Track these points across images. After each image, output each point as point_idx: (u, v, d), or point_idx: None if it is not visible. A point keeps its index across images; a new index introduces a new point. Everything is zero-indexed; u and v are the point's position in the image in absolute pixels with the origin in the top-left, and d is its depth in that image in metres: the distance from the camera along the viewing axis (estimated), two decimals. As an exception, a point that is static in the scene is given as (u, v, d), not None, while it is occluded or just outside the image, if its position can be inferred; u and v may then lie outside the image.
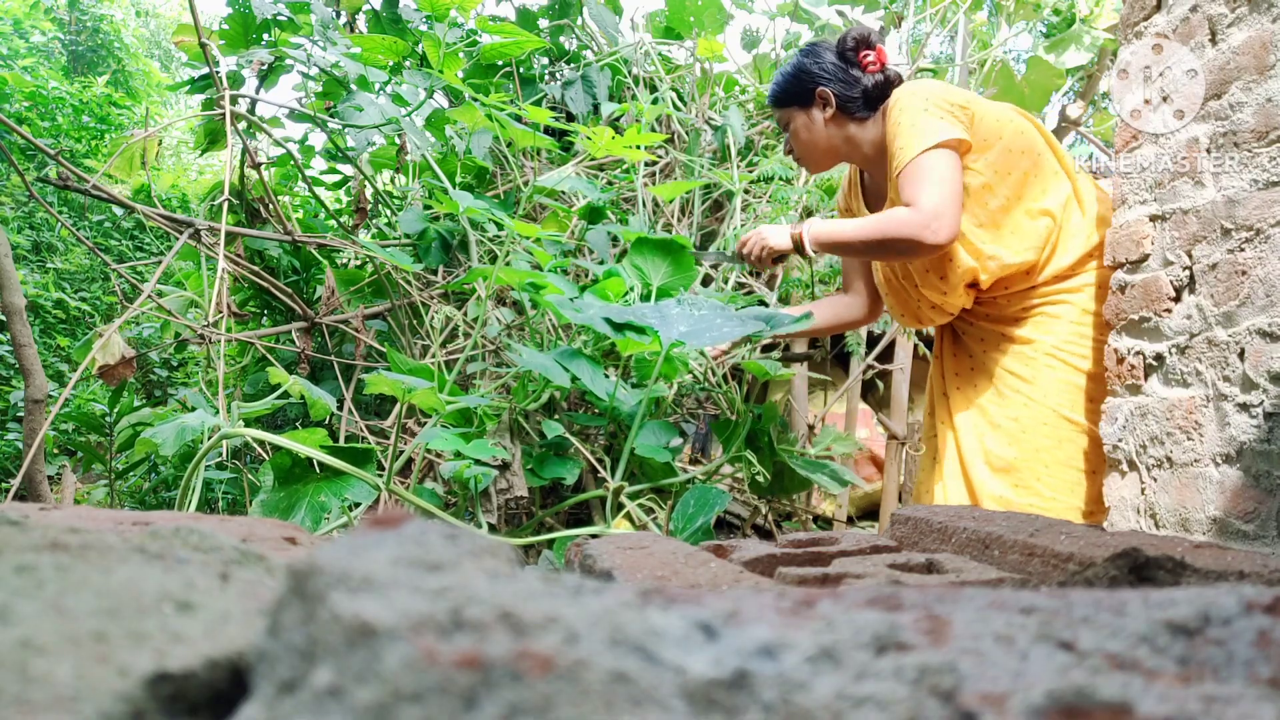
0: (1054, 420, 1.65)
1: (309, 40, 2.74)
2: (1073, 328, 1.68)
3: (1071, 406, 1.65)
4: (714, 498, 1.63)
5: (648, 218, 2.79)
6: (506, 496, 1.76)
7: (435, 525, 0.30)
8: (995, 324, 1.75)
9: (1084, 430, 1.65)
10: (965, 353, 1.82)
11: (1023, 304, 1.72)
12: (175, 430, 1.53)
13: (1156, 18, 1.77)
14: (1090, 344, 1.68)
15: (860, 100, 1.70)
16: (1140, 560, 0.46)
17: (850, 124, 1.72)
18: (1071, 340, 1.68)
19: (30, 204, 5.93)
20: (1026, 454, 1.64)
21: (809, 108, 1.71)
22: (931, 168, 1.55)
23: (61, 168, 2.13)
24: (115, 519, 0.59)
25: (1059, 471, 1.64)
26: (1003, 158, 1.65)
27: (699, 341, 1.63)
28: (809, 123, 1.72)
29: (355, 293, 2.71)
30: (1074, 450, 1.64)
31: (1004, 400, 1.69)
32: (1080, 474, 1.64)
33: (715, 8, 3.32)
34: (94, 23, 10.65)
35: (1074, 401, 1.65)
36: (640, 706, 0.21)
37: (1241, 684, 0.23)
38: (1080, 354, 1.67)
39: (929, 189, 1.55)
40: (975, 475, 1.69)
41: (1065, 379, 1.66)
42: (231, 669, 0.27)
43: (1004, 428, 1.67)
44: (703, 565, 0.61)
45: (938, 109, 1.59)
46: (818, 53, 1.73)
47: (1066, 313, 1.69)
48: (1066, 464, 1.64)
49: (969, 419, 1.74)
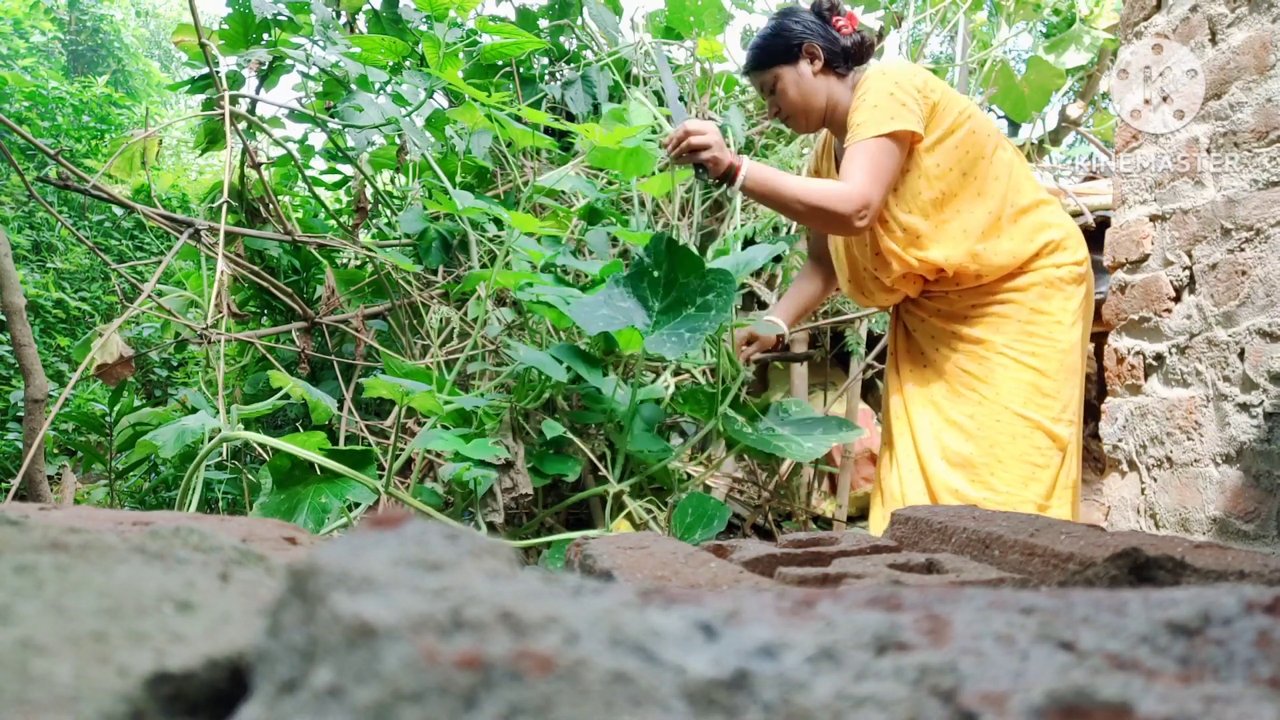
0: (1008, 417, 1.67)
1: (309, 40, 2.74)
2: (1021, 326, 1.70)
3: (1024, 403, 1.67)
4: (712, 510, 1.62)
5: (647, 218, 2.79)
6: (512, 495, 1.77)
7: (435, 525, 0.30)
8: (946, 321, 1.77)
9: (1037, 425, 1.67)
10: (917, 349, 1.84)
11: (972, 301, 1.74)
12: (175, 432, 1.53)
13: (1156, 18, 1.77)
14: (1040, 341, 1.69)
15: (841, 55, 1.73)
16: (1140, 560, 0.47)
17: (834, 79, 1.74)
18: (1021, 339, 1.70)
19: (30, 204, 5.93)
20: (982, 450, 1.67)
21: (796, 62, 1.72)
22: (878, 154, 1.60)
23: (61, 168, 2.13)
24: (115, 519, 0.59)
25: (1013, 466, 1.67)
26: (954, 153, 1.67)
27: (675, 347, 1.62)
28: (798, 78, 1.73)
29: (355, 293, 2.71)
30: (1027, 445, 1.67)
31: (959, 398, 1.72)
32: (1034, 468, 1.67)
33: (715, 8, 3.32)
34: (94, 23, 10.66)
35: (1027, 398, 1.68)
36: (640, 706, 0.21)
37: (1242, 684, 0.23)
38: (1030, 350, 1.69)
39: (869, 176, 1.60)
40: (931, 468, 1.72)
41: (1019, 377, 1.68)
42: (231, 669, 0.27)
43: (960, 424, 1.70)
44: (703, 565, 0.61)
45: (903, 93, 1.62)
46: (795, 12, 1.76)
47: (1015, 312, 1.71)
48: (1020, 459, 1.67)
49: (924, 414, 1.77)
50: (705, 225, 3.13)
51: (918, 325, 1.83)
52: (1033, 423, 1.66)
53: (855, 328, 2.89)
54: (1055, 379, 1.66)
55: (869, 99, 1.63)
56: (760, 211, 2.99)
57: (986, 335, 1.71)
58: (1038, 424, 1.66)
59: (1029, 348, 1.68)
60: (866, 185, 1.59)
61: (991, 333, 1.71)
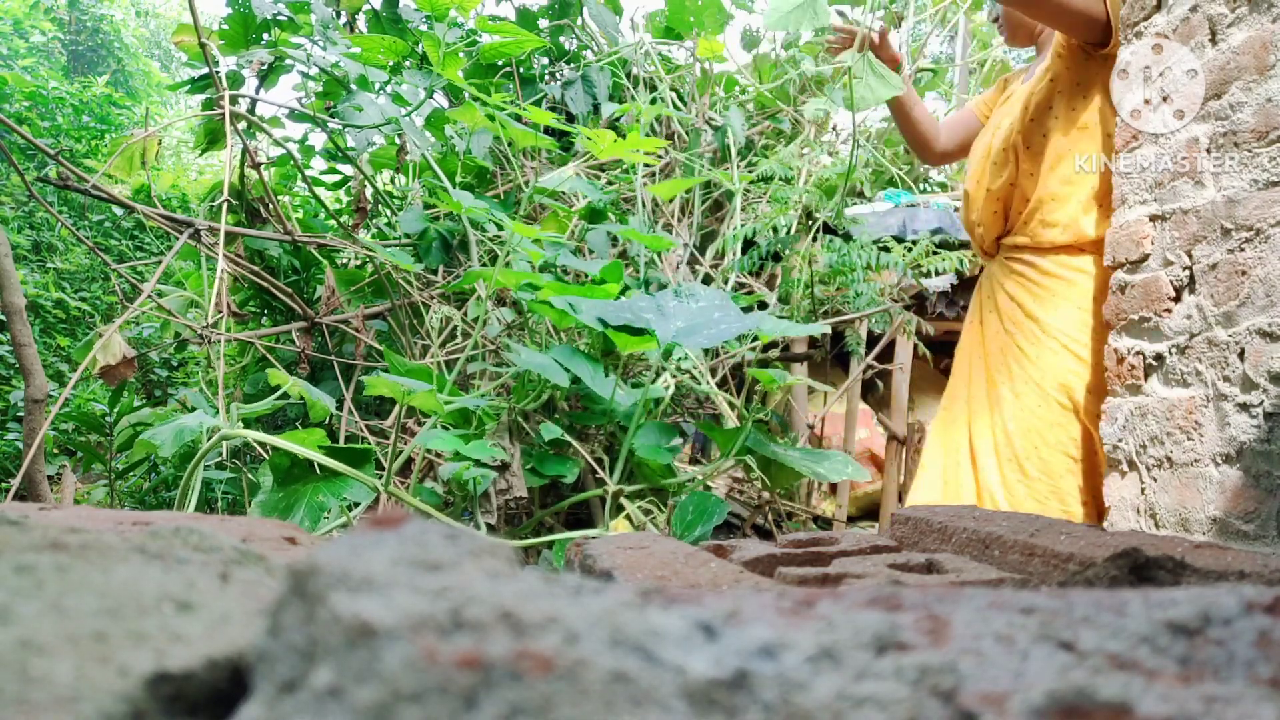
0: (1049, 403, 1.70)
1: (309, 40, 2.74)
2: (1078, 314, 1.72)
3: (1071, 391, 1.69)
4: (713, 506, 1.63)
5: (647, 218, 2.79)
6: (506, 497, 1.76)
7: (435, 525, 0.30)
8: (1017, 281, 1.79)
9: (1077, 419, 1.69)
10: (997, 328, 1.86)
11: (1037, 261, 1.76)
12: (175, 431, 1.53)
13: (1156, 18, 1.77)
14: (1090, 333, 1.72)
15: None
16: (1140, 560, 0.47)
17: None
18: (1076, 326, 1.72)
19: (30, 204, 5.93)
20: (1021, 432, 1.71)
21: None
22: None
23: (61, 168, 2.13)
24: (115, 519, 0.59)
25: (1049, 455, 1.69)
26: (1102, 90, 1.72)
27: (695, 340, 1.63)
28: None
29: (355, 293, 2.71)
30: (1064, 435, 1.69)
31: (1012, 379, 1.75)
32: (1073, 461, 1.68)
33: (715, 8, 3.32)
34: (94, 23, 10.66)
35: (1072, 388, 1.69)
36: (640, 706, 0.21)
37: (1242, 684, 0.23)
38: (1083, 341, 1.72)
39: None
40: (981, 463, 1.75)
41: (1066, 364, 1.70)
42: (231, 669, 0.27)
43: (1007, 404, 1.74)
44: (703, 565, 0.61)
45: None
46: None
47: (1072, 294, 1.72)
48: (1057, 448, 1.69)
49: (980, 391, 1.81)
50: (705, 225, 3.13)
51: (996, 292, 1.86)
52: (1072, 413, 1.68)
53: (855, 328, 2.89)
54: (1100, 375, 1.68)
55: None
56: (760, 212, 2.99)
57: (1041, 314, 1.74)
58: (1077, 414, 1.68)
59: (1082, 336, 1.71)
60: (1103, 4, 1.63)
61: (1047, 312, 1.74)
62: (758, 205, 3.02)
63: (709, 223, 3.16)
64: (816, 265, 2.77)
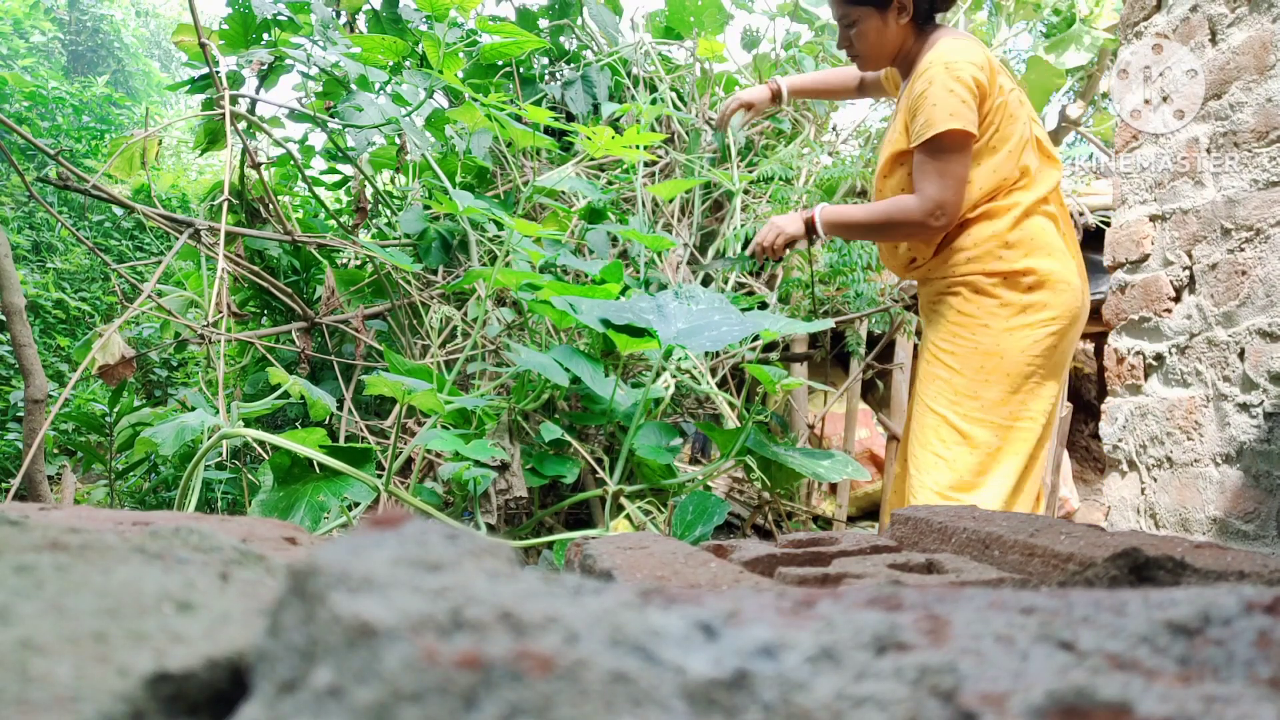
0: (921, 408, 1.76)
1: (309, 40, 2.74)
2: (950, 327, 1.74)
3: (933, 398, 1.74)
4: (713, 506, 1.63)
5: (647, 218, 2.79)
6: (506, 497, 1.76)
7: (435, 525, 0.30)
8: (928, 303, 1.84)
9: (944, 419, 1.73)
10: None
11: (947, 275, 1.78)
12: (175, 430, 1.53)
13: (1156, 18, 1.77)
14: (962, 343, 1.72)
15: (928, 8, 1.76)
16: (1140, 560, 0.47)
17: (912, 31, 1.77)
18: (946, 339, 1.74)
19: (30, 204, 5.93)
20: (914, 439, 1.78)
21: (886, 11, 1.74)
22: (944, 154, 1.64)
23: (61, 168, 2.13)
24: (115, 519, 0.59)
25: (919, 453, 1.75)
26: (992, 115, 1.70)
27: (697, 343, 1.63)
28: (882, 26, 1.76)
29: (355, 293, 2.71)
30: (933, 435, 1.73)
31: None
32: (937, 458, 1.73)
33: (715, 8, 3.32)
34: (94, 23, 10.66)
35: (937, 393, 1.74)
36: (640, 706, 0.21)
37: (1242, 684, 0.23)
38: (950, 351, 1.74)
39: (936, 180, 1.65)
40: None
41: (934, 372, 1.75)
42: (231, 669, 0.27)
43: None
44: (703, 565, 0.61)
45: (963, 89, 1.63)
46: None
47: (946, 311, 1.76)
48: (925, 447, 1.73)
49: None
50: (705, 225, 3.13)
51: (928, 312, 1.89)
52: (940, 416, 1.72)
53: (855, 328, 2.89)
54: (975, 380, 1.70)
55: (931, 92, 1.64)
56: (759, 212, 2.99)
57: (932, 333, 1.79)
58: (944, 418, 1.71)
59: (950, 346, 1.74)
60: (934, 190, 1.64)
61: (933, 330, 1.78)
62: (758, 205, 3.02)
63: (709, 223, 3.16)
64: (816, 265, 2.77)
